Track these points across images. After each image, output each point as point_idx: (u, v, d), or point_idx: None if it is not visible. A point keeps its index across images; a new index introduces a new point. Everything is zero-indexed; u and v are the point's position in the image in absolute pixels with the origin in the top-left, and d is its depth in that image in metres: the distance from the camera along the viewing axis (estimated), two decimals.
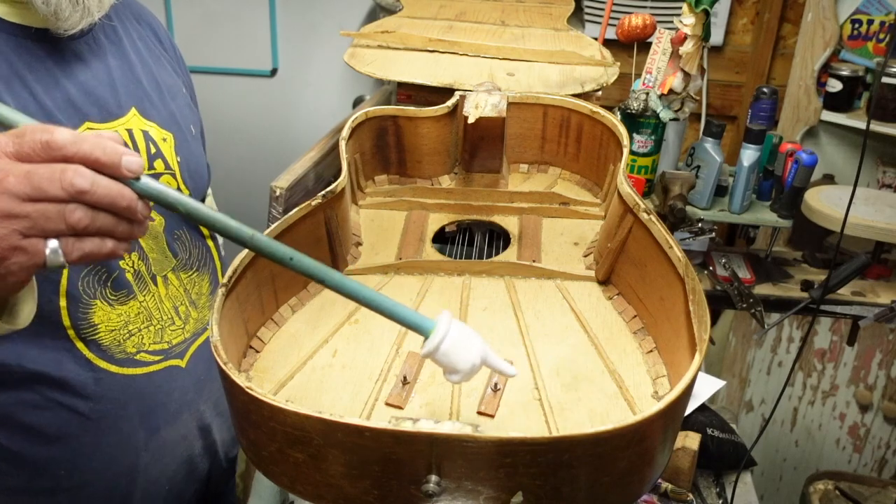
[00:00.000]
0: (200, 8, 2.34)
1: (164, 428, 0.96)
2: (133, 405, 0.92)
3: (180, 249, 0.98)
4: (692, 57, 1.22)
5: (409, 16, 1.45)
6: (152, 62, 0.99)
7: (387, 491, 0.59)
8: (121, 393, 0.91)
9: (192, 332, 0.99)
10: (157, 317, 0.94)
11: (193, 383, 0.99)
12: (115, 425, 0.91)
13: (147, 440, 0.95)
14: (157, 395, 0.94)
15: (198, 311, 1.00)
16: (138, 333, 0.92)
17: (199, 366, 1.00)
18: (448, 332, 0.61)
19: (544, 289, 0.89)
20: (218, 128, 2.47)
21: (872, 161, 1.98)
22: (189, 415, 1.00)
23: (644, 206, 0.82)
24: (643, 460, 0.61)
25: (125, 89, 0.93)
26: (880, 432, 2.06)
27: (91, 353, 0.88)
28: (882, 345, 1.99)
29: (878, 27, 1.89)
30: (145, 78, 0.96)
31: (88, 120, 0.87)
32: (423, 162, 1.12)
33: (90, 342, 0.87)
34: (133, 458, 0.94)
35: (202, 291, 1.01)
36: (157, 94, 0.97)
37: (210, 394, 1.03)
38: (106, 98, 0.90)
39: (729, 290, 1.32)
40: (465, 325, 0.63)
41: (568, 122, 1.11)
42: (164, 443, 0.97)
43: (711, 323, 0.86)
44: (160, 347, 0.94)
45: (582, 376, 0.75)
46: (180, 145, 0.98)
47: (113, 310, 0.89)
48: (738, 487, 1.30)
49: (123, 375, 0.90)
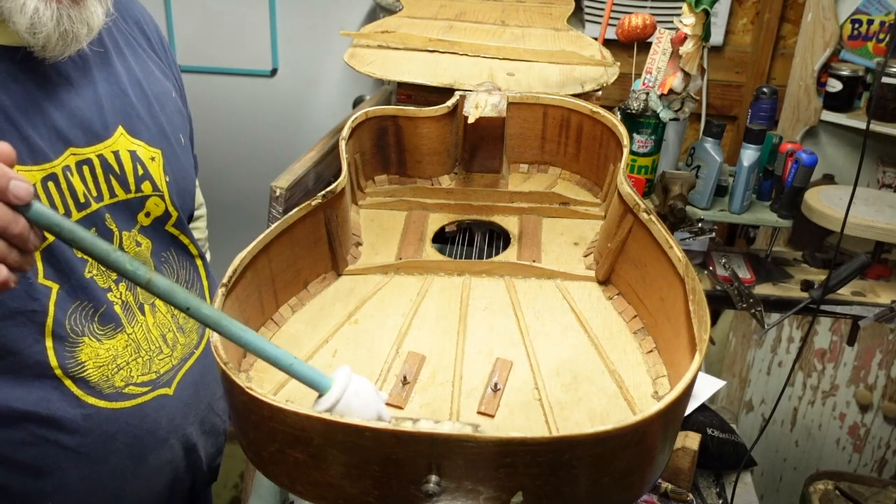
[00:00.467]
0: (200, 8, 2.33)
1: (151, 455, 0.95)
2: (121, 437, 0.91)
3: (167, 273, 0.97)
4: (692, 57, 1.22)
5: (409, 16, 1.45)
6: (139, 69, 0.96)
7: (387, 491, 0.59)
8: (109, 426, 0.90)
9: (179, 357, 0.97)
10: (145, 347, 0.93)
11: (180, 409, 0.98)
12: (104, 458, 0.91)
13: (134, 469, 0.94)
14: (144, 424, 0.93)
15: (185, 335, 0.99)
16: (126, 367, 0.91)
17: (186, 391, 0.99)
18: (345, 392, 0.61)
19: (544, 289, 0.89)
20: (218, 128, 2.47)
21: (872, 161, 1.98)
22: (176, 439, 0.99)
23: (644, 206, 0.82)
24: (643, 460, 0.61)
25: (111, 106, 0.90)
26: (880, 432, 2.06)
27: (79, 389, 0.87)
28: (882, 345, 1.99)
29: (878, 27, 1.89)
30: (132, 89, 0.93)
31: (72, 146, 0.85)
32: (423, 162, 1.12)
33: (78, 380, 0.86)
34: (120, 487, 0.94)
35: None
36: (144, 107, 0.94)
37: (196, 415, 1.02)
38: (91, 120, 0.87)
39: (729, 290, 1.32)
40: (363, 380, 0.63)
41: (568, 122, 1.11)
42: (151, 469, 0.97)
43: (711, 323, 0.86)
44: (148, 378, 0.93)
45: (582, 376, 0.75)
46: (169, 162, 0.96)
47: (101, 345, 0.88)
48: (738, 487, 1.30)
49: (112, 409, 0.90)
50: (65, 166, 0.83)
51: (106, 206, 0.88)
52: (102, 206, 0.88)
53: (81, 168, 0.85)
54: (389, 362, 0.77)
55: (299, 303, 0.86)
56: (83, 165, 0.85)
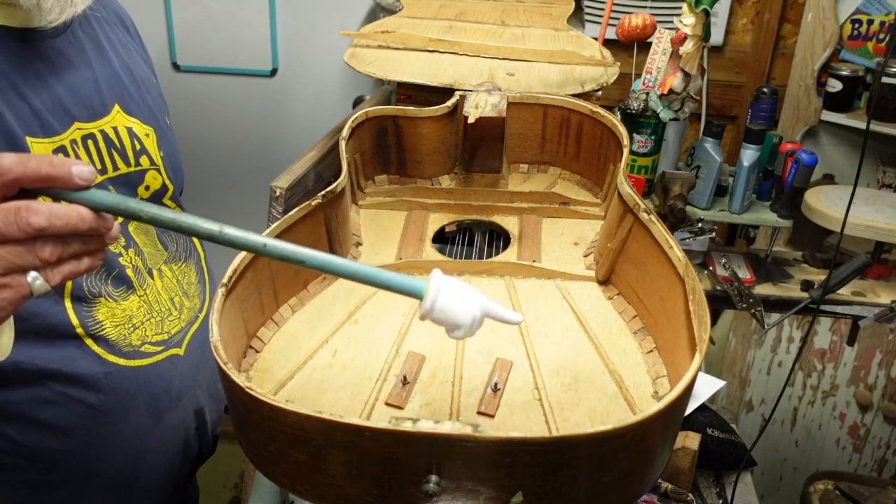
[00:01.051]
0: (200, 8, 2.34)
1: (167, 414, 0.99)
2: (140, 395, 0.94)
3: (169, 242, 1.00)
4: (692, 57, 1.22)
5: (409, 16, 1.45)
6: (125, 54, 1.00)
7: (387, 491, 0.59)
8: (129, 384, 0.93)
9: (186, 320, 1.01)
10: (156, 309, 0.96)
11: (191, 369, 1.02)
12: (125, 416, 0.93)
13: (153, 427, 0.97)
14: (160, 383, 0.96)
15: (190, 300, 1.02)
16: (142, 326, 0.94)
17: (195, 352, 1.02)
18: (440, 290, 0.60)
19: (544, 289, 0.89)
20: (218, 128, 2.47)
21: (872, 161, 1.98)
22: (188, 399, 1.02)
23: (644, 206, 0.82)
24: (643, 460, 0.61)
25: (107, 86, 0.94)
26: (880, 432, 2.06)
27: (100, 348, 0.89)
28: (882, 345, 1.99)
29: (878, 27, 1.89)
30: (123, 72, 0.98)
31: (77, 120, 0.88)
32: (423, 162, 1.12)
33: (98, 338, 0.89)
34: (139, 445, 0.96)
35: (191, 281, 1.03)
36: (135, 88, 0.99)
37: (204, 378, 1.06)
38: (91, 97, 0.91)
39: (729, 290, 1.32)
40: (458, 280, 0.62)
41: (568, 122, 1.11)
42: (167, 428, 1.00)
43: (711, 323, 0.86)
44: (162, 338, 0.97)
45: (582, 376, 0.75)
46: (161, 139, 1.00)
47: (117, 305, 0.91)
48: (738, 487, 1.30)
49: (131, 367, 0.92)
50: (72, 139, 0.87)
51: (109, 178, 0.92)
52: (107, 179, 0.92)
53: (86, 142, 0.89)
54: (389, 362, 0.77)
55: (299, 303, 0.86)
56: (87, 139, 0.89)
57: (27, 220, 0.56)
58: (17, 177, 0.56)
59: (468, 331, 0.62)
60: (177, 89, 2.41)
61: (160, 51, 2.39)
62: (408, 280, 0.61)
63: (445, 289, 0.61)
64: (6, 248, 0.56)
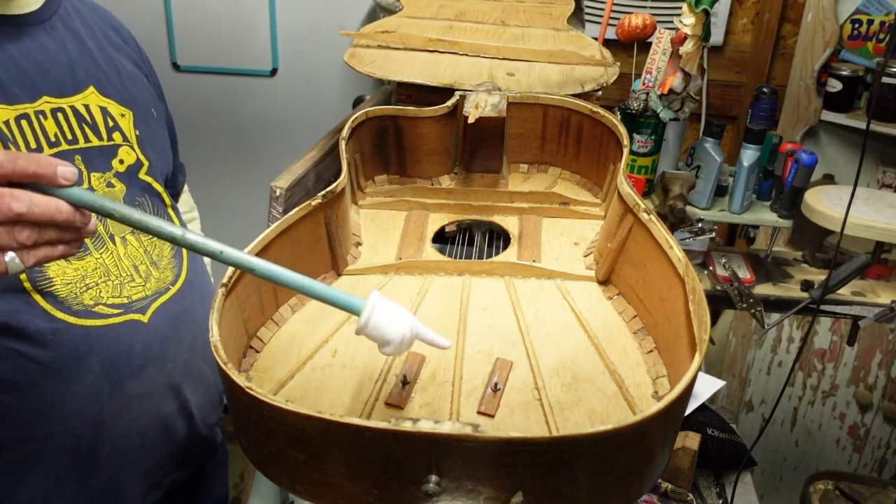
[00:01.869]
0: (200, 8, 2.34)
1: (128, 381, 0.97)
2: (94, 356, 0.93)
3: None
4: (692, 57, 1.22)
5: (409, 16, 1.45)
6: (111, 51, 1.03)
7: (387, 491, 0.59)
8: (80, 343, 0.92)
9: (153, 290, 1.00)
10: (115, 273, 0.96)
11: (158, 340, 1.00)
12: (77, 375, 0.92)
13: (111, 392, 0.96)
14: (117, 346, 0.95)
15: (159, 271, 1.01)
16: (95, 287, 0.93)
17: (163, 323, 1.00)
18: (375, 309, 0.66)
19: (544, 289, 0.89)
20: (218, 128, 2.47)
21: (872, 161, 1.98)
22: (154, 370, 1.00)
23: (644, 206, 0.82)
24: (643, 460, 0.61)
25: (83, 70, 0.96)
26: (880, 432, 2.06)
27: (48, 303, 0.89)
28: (882, 345, 1.99)
29: (878, 27, 1.89)
30: (104, 62, 1.00)
31: (45, 94, 0.90)
32: (423, 162, 1.12)
33: (46, 293, 0.89)
34: (97, 410, 0.95)
35: (163, 254, 1.03)
36: (116, 77, 1.01)
37: (177, 353, 1.03)
38: (63, 77, 0.93)
39: (729, 290, 1.32)
40: (393, 303, 0.68)
41: (568, 122, 1.11)
42: (130, 396, 0.98)
43: (711, 323, 0.86)
44: (119, 301, 0.96)
45: (582, 376, 0.75)
46: (140, 121, 1.02)
47: (69, 265, 0.91)
48: (738, 487, 1.30)
49: (82, 326, 0.91)
50: (38, 110, 0.90)
51: (79, 149, 0.94)
52: (75, 149, 0.93)
53: (56, 114, 0.92)
54: (389, 362, 0.77)
55: (299, 303, 0.86)
56: (57, 112, 0.92)
57: (9, 206, 0.63)
58: (6, 172, 0.63)
59: (397, 348, 0.67)
60: (177, 89, 2.41)
61: (160, 51, 2.39)
62: (347, 297, 0.67)
63: (380, 309, 0.66)
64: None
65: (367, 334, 0.67)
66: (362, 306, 0.66)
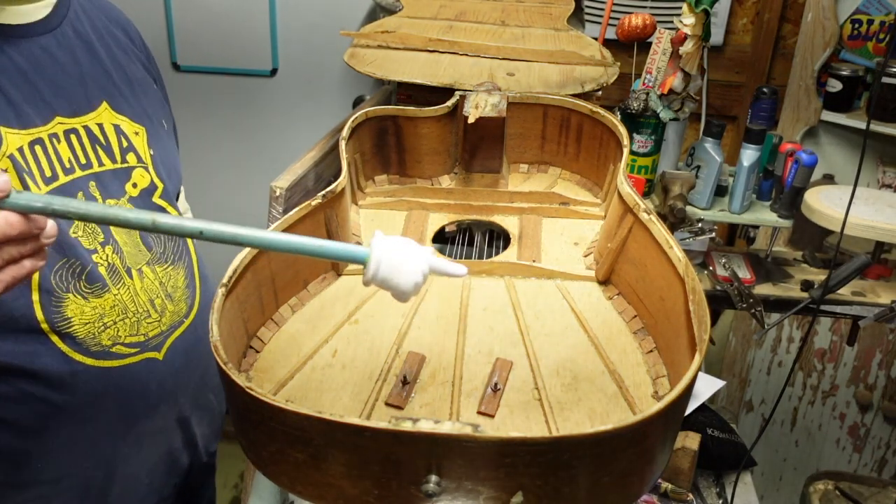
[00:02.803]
0: (200, 8, 2.34)
1: (142, 420, 0.96)
2: (110, 397, 0.92)
3: (155, 243, 0.98)
4: (692, 57, 1.22)
5: (409, 16, 1.45)
6: (120, 56, 1.00)
7: (387, 491, 0.59)
8: (98, 385, 0.90)
9: (168, 324, 0.98)
10: (132, 309, 0.94)
11: (171, 375, 0.99)
12: (93, 417, 0.91)
13: (125, 432, 0.95)
14: (134, 386, 0.94)
15: (174, 304, 1.00)
16: (113, 326, 0.91)
17: (177, 358, 1.00)
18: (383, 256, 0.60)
19: (544, 289, 0.89)
20: (218, 128, 2.47)
21: (872, 161, 1.98)
22: (167, 407, 1.00)
23: (644, 206, 0.82)
24: (643, 460, 0.61)
25: (95, 83, 0.93)
26: (880, 432, 2.06)
27: (66, 345, 0.87)
28: (882, 345, 1.99)
29: (878, 27, 1.89)
30: (115, 71, 0.97)
31: (59, 115, 0.88)
32: (423, 162, 1.12)
33: (64, 335, 0.87)
34: (111, 450, 0.94)
35: (178, 285, 1.00)
36: (127, 88, 0.98)
37: (188, 386, 1.03)
38: (75, 93, 0.91)
39: (729, 290, 1.32)
40: (400, 240, 0.62)
41: (568, 122, 1.11)
42: (143, 434, 0.97)
43: (711, 323, 0.86)
44: (136, 340, 0.94)
45: (582, 376, 0.75)
46: (153, 139, 0.99)
47: (87, 303, 0.89)
48: (738, 487, 1.30)
49: (100, 368, 0.90)
50: (52, 133, 0.87)
51: (94, 174, 0.91)
52: (90, 174, 0.91)
53: (69, 136, 0.89)
54: (389, 362, 0.77)
55: (299, 303, 0.86)
56: (70, 134, 0.89)
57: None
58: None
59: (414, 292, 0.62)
60: (177, 89, 2.41)
61: (160, 51, 2.38)
62: (348, 248, 0.61)
63: (387, 255, 0.60)
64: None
65: (377, 285, 0.62)
66: (367, 255, 0.61)
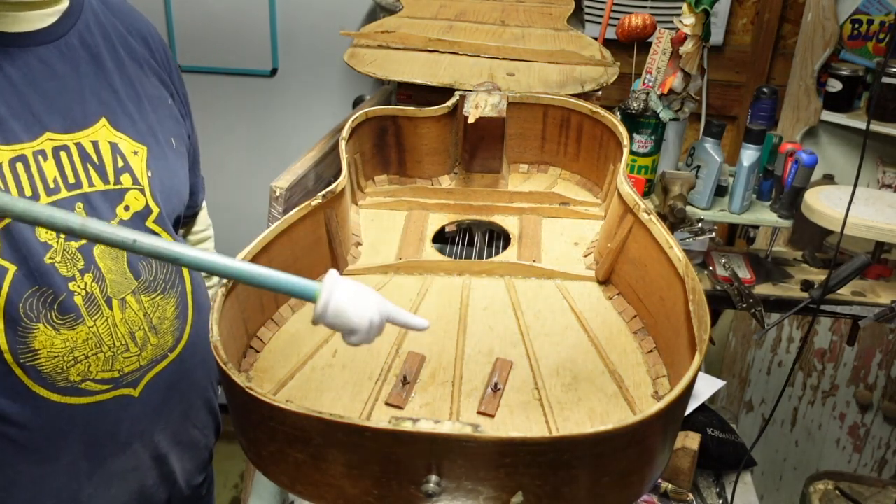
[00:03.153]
0: (200, 8, 2.33)
1: (111, 458, 0.91)
2: (74, 435, 0.87)
3: (144, 270, 0.92)
4: (692, 57, 1.22)
5: (409, 16, 1.45)
6: (133, 70, 0.95)
7: (387, 491, 0.59)
8: (61, 422, 0.86)
9: (149, 359, 0.92)
10: (108, 343, 0.87)
11: (147, 413, 0.93)
12: (54, 455, 0.87)
13: (91, 471, 0.90)
14: (102, 424, 0.89)
15: (158, 336, 0.93)
16: (84, 361, 0.86)
17: (155, 395, 0.94)
18: (333, 292, 0.57)
19: (544, 289, 0.89)
20: (218, 128, 2.47)
21: (872, 161, 1.98)
22: (141, 445, 0.94)
23: (644, 206, 0.82)
24: (643, 460, 0.61)
25: (96, 98, 0.88)
26: (880, 432, 2.06)
27: (29, 379, 0.82)
28: (882, 345, 1.99)
29: (878, 27, 1.89)
30: (123, 88, 0.92)
31: (49, 130, 0.83)
32: (423, 162, 1.12)
33: (28, 368, 0.82)
34: (75, 489, 0.90)
35: (165, 316, 0.94)
36: (134, 105, 0.93)
37: (168, 423, 0.98)
38: (70, 107, 0.86)
39: (729, 290, 1.32)
40: (356, 283, 0.59)
41: (568, 122, 1.11)
42: (112, 473, 0.93)
43: (711, 323, 0.86)
44: (109, 376, 0.88)
45: (582, 376, 0.75)
46: (154, 159, 0.93)
47: (58, 335, 0.83)
48: (738, 487, 1.30)
49: (65, 404, 0.85)
50: (38, 150, 0.82)
51: (82, 194, 0.85)
52: (77, 194, 0.85)
53: (58, 153, 0.84)
54: (389, 362, 0.77)
55: (299, 303, 0.86)
56: (59, 151, 0.84)
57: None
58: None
59: (366, 336, 0.59)
60: None
61: None
62: (299, 281, 0.58)
63: (339, 291, 0.57)
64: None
65: (326, 323, 0.58)
66: (317, 291, 0.57)
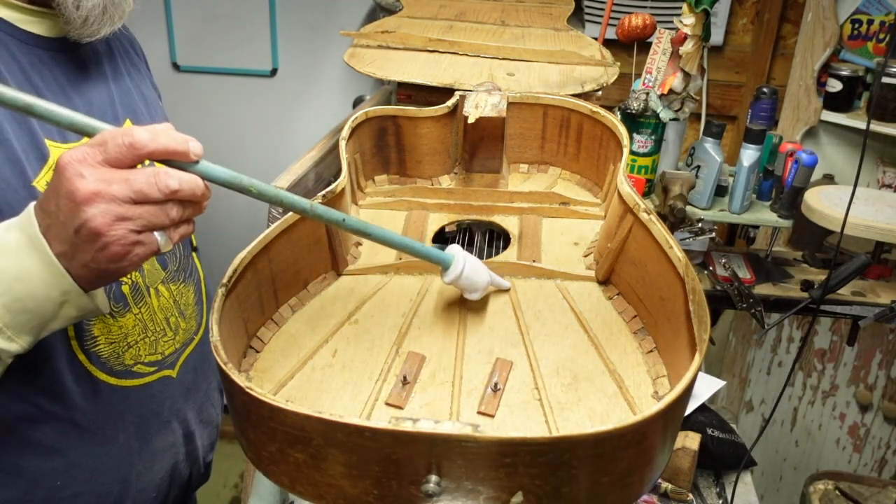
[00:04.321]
0: (200, 8, 2.34)
1: (155, 437, 0.98)
2: (129, 416, 0.93)
3: (170, 261, 0.99)
4: (692, 57, 1.22)
5: (409, 16, 1.45)
6: (136, 75, 1.02)
7: (387, 491, 0.59)
8: (118, 404, 0.91)
9: (181, 341, 1.00)
10: (151, 328, 0.95)
11: (182, 392, 1.01)
12: (112, 436, 0.92)
13: (140, 449, 0.96)
14: (150, 405, 0.95)
15: (186, 321, 1.01)
16: (136, 345, 0.93)
17: (188, 375, 1.01)
18: (467, 260, 0.78)
19: (544, 289, 0.89)
20: (218, 128, 2.47)
21: (872, 161, 1.98)
22: (177, 423, 1.01)
23: (644, 206, 0.82)
24: (643, 460, 0.61)
25: (120, 100, 0.95)
26: (880, 432, 2.06)
27: (92, 365, 0.88)
28: (882, 345, 1.99)
29: (878, 27, 1.89)
30: (134, 90, 0.99)
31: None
32: (423, 162, 1.12)
33: (91, 354, 0.88)
34: (127, 468, 0.95)
35: (189, 302, 1.02)
36: (144, 107, 1.00)
37: (195, 402, 1.05)
38: (104, 110, 0.92)
39: (729, 290, 1.32)
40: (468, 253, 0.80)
41: (568, 122, 1.11)
42: (155, 451, 0.98)
43: (711, 323, 0.86)
44: (155, 359, 0.96)
45: (582, 376, 0.75)
46: None
47: (114, 322, 0.90)
48: (738, 487, 1.30)
49: (121, 387, 0.91)
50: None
51: None
52: None
53: None
54: (389, 362, 0.77)
55: (299, 303, 0.86)
56: None
57: (166, 183, 0.62)
58: (151, 151, 0.62)
59: (482, 293, 0.81)
60: (177, 89, 2.41)
61: (160, 51, 2.39)
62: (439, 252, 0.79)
63: (469, 259, 0.79)
64: (145, 208, 0.63)
65: (458, 284, 0.79)
66: (452, 259, 0.78)
